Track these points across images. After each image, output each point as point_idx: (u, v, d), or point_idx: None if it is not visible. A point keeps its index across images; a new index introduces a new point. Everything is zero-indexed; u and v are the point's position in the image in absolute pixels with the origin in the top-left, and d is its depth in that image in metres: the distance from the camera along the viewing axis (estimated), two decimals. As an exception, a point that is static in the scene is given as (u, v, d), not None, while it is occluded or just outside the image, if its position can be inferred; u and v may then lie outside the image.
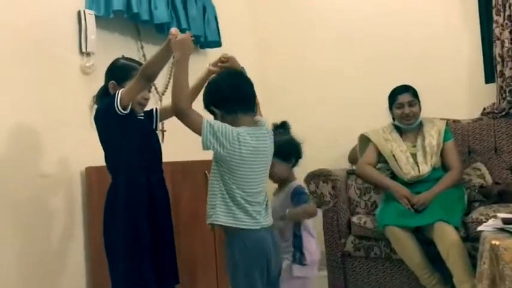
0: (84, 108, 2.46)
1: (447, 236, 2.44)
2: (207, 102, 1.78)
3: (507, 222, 2.00)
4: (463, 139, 3.14)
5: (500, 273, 1.82)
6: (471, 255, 2.38)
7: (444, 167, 2.87)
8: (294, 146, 2.28)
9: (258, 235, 1.71)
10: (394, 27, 3.55)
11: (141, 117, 2.04)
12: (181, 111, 1.70)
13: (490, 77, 3.26)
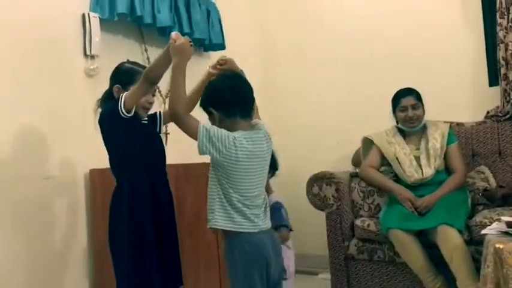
0: (88, 110, 2.45)
1: (451, 240, 2.44)
2: (206, 103, 1.78)
3: (511, 225, 1.99)
4: (467, 142, 3.13)
5: (504, 277, 1.81)
6: (475, 259, 2.38)
7: (448, 170, 2.86)
8: (272, 158, 2.26)
9: (256, 238, 1.71)
10: (399, 29, 3.54)
11: (145, 121, 2.06)
12: (177, 116, 1.71)
13: (493, 80, 3.25)
